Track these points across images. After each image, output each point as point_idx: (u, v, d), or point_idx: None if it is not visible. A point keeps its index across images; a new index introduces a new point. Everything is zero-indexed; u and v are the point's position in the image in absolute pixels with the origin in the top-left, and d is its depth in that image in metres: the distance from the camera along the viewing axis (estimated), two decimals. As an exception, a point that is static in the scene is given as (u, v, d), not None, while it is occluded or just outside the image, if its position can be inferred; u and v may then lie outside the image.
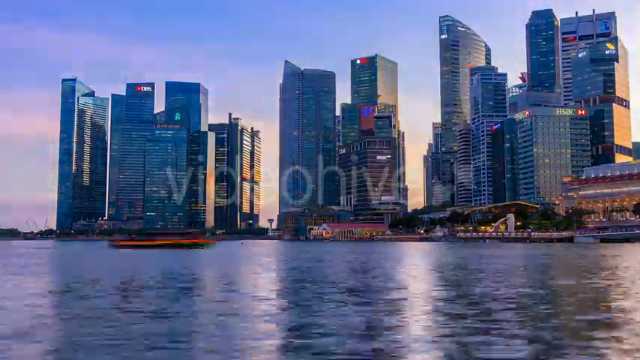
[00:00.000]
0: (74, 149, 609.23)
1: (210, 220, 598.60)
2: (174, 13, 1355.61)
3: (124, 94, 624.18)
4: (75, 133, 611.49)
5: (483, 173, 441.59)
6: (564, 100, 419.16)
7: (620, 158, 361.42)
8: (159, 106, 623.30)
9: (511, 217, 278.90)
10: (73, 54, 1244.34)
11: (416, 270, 55.12)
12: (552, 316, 23.11)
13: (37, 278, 46.05)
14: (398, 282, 39.87)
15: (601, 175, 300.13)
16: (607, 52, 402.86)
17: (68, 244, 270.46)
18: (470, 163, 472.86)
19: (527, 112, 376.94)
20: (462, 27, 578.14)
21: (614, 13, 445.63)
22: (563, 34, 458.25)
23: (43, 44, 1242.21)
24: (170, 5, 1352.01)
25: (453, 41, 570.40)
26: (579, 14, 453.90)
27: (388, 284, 37.70)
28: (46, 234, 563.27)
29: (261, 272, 52.43)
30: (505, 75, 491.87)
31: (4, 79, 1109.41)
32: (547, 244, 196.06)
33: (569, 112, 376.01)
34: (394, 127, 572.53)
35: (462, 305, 25.75)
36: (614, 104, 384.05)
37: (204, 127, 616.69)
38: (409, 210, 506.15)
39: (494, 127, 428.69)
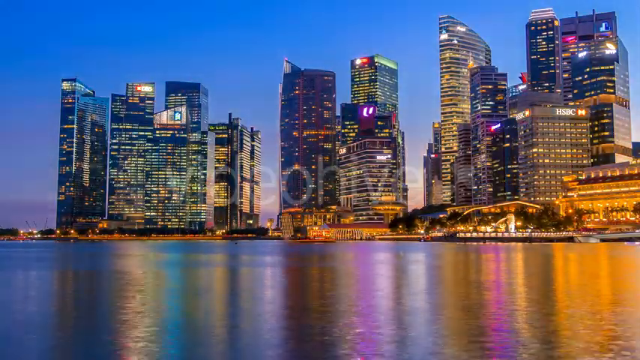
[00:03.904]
0: (74, 149, 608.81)
1: (210, 220, 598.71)
2: (175, 13, 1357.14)
3: (123, 94, 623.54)
4: (75, 133, 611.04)
5: (483, 173, 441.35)
6: (564, 100, 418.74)
7: (620, 158, 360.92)
8: (159, 105, 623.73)
9: (511, 217, 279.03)
10: (73, 54, 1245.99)
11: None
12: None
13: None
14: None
15: (601, 175, 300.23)
16: (607, 52, 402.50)
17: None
18: (470, 163, 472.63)
19: (527, 112, 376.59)
20: (462, 27, 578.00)
21: (614, 13, 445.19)
22: (563, 34, 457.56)
23: (43, 44, 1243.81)
24: (170, 6, 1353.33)
25: (453, 41, 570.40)
26: (579, 14, 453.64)
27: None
28: (46, 234, 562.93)
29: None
30: (505, 75, 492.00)
31: (4, 79, 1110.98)
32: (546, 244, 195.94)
33: (569, 112, 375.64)
34: (394, 127, 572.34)
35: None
36: (614, 104, 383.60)
37: (204, 127, 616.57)
38: (409, 210, 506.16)
39: (494, 127, 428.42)
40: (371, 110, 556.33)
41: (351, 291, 37.28)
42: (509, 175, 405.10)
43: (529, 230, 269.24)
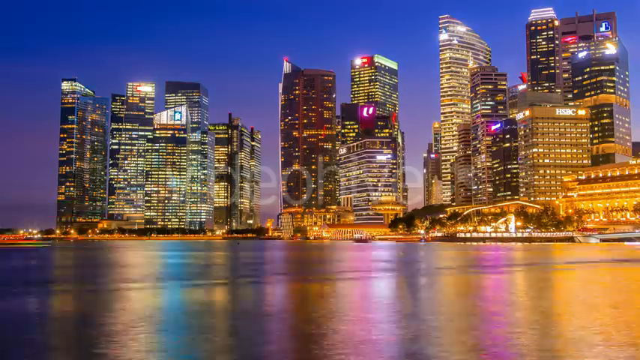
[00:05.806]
0: (74, 149, 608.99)
1: (210, 220, 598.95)
2: (175, 13, 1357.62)
3: (123, 94, 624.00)
4: (75, 133, 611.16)
5: (483, 173, 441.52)
6: (564, 100, 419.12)
7: (620, 158, 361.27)
8: (159, 105, 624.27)
9: (511, 217, 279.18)
10: (73, 54, 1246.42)
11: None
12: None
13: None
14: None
15: (601, 175, 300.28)
16: (607, 52, 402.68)
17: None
18: (470, 163, 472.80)
19: (527, 112, 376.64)
20: (462, 27, 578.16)
21: (614, 13, 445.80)
22: (563, 34, 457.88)
23: (43, 44, 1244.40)
24: (171, 5, 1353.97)
25: (453, 41, 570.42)
26: (579, 14, 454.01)
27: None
28: (46, 234, 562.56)
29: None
30: (505, 75, 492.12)
31: (4, 78, 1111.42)
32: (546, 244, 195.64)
33: (569, 112, 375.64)
34: (394, 127, 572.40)
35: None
36: (614, 104, 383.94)
37: (204, 127, 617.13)
38: (409, 210, 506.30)
39: (494, 127, 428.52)
40: (371, 110, 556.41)
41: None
42: (509, 175, 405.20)
43: (529, 230, 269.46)
